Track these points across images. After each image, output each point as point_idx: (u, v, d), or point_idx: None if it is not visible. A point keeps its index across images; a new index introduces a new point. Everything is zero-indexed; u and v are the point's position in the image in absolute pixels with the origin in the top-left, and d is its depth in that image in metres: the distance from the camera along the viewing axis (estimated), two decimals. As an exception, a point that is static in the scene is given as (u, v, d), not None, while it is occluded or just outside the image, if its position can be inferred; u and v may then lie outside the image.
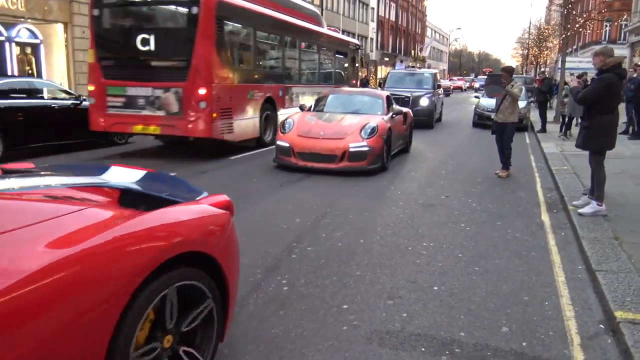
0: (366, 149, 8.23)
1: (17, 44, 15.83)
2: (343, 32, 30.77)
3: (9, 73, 15.01)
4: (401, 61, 57.08)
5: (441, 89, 21.24)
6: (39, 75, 16.01)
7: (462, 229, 5.54)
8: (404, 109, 10.86)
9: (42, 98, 9.87)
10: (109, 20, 9.73)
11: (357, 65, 19.02)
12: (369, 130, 8.37)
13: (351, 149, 8.19)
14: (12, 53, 15.64)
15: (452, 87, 48.81)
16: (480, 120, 16.58)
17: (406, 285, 3.99)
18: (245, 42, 10.82)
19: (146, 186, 2.75)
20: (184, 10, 9.02)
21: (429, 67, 59.54)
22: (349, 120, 8.93)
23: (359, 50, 19.67)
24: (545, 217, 6.09)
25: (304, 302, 3.62)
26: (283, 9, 12.51)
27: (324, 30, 15.73)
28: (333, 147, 8.24)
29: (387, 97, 10.28)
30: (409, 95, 15.95)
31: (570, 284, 4.08)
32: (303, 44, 13.81)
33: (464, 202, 6.72)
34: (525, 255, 4.75)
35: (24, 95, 9.50)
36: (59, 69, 16.84)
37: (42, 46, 16.64)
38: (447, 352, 3.01)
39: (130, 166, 3.13)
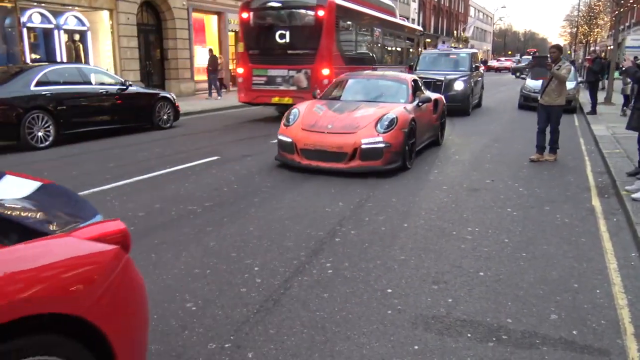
0: (382, 145, 6.83)
1: (66, 31, 16.27)
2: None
3: (58, 60, 15.47)
4: (443, 42, 55.84)
5: (481, 70, 18.53)
6: (86, 62, 16.43)
7: (508, 213, 5.42)
8: (435, 95, 9.53)
9: (90, 84, 10.13)
10: (255, 20, 13.22)
11: (420, 49, 22.42)
12: (386, 123, 6.98)
13: (364, 146, 6.81)
14: (61, 40, 16.09)
15: (496, 68, 46.82)
16: (527, 102, 16.07)
17: (451, 270, 3.94)
18: (350, 34, 14.55)
19: (26, 204, 2.21)
20: (312, 13, 12.67)
21: (471, 48, 58.19)
22: (364, 110, 7.49)
23: (422, 36, 24.15)
24: (596, 202, 5.88)
25: (348, 286, 3.63)
26: (371, 5, 16.41)
27: (399, 20, 19.63)
28: (342, 143, 6.88)
29: (414, 81, 8.84)
30: (442, 78, 14.07)
31: (623, 272, 3.95)
32: (386, 33, 17.66)
33: (510, 186, 6.57)
34: (575, 241, 4.62)
35: (73, 82, 9.79)
36: (105, 56, 17.24)
37: (89, 33, 17.05)
38: (494, 339, 2.97)
39: (27, 175, 2.65)
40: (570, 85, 11.44)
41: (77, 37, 16.69)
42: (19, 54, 14.34)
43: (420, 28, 26.71)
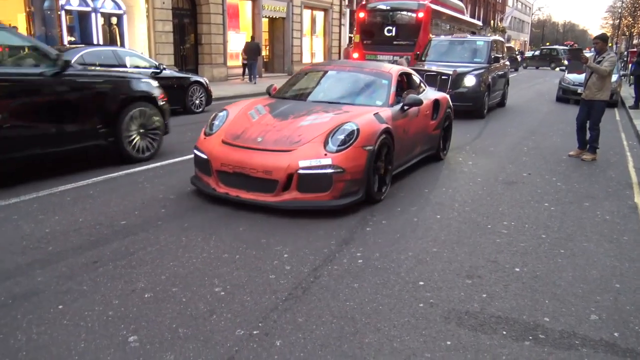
0: (330, 170, 4.57)
1: (102, 14, 16.46)
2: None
3: (95, 42, 15.68)
4: (473, 32, 54.58)
5: (505, 62, 15.14)
6: (122, 45, 16.61)
7: (546, 208, 5.24)
8: (434, 95, 7.11)
9: (125, 66, 10.22)
10: (368, 18, 18.17)
11: None
12: (341, 137, 4.73)
13: (302, 171, 4.56)
14: (97, 23, 16.29)
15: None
16: (565, 95, 15.62)
17: (486, 264, 3.81)
18: (437, 29, 18.23)
19: None
20: (413, 14, 17.30)
21: (508, 39, 56.78)
22: (317, 116, 5.21)
23: (481, 30, 27.31)
24: (638, 199, 5.64)
25: (379, 276, 3.55)
26: (449, 7, 20.86)
27: (466, 17, 23.23)
28: (271, 165, 4.62)
29: (404, 76, 6.69)
30: (449, 72, 10.64)
31: (668, 273, 3.76)
32: (458, 28, 20.65)
33: (548, 181, 6.36)
34: (616, 239, 4.43)
35: (109, 64, 9.88)
36: (140, 39, 17.39)
37: (125, 17, 17.20)
38: (530, 338, 2.85)
39: None
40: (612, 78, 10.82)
41: (113, 20, 16.87)
42: (57, 36, 14.57)
43: (479, 23, 31.30)
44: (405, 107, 5.81)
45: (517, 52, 45.18)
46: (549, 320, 3.05)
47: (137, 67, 10.49)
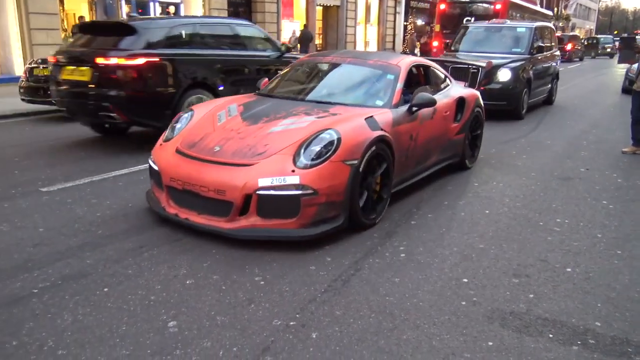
0: (297, 191, 3.61)
1: (160, 3, 16.88)
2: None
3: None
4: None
5: (554, 52, 12.74)
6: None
7: (603, 206, 4.97)
8: (461, 92, 5.88)
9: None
10: (449, 9, 19.45)
11: None
12: (317, 148, 3.77)
13: (262, 192, 3.63)
14: (156, 12, 16.71)
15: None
16: (632, 86, 14.75)
17: (535, 263, 3.66)
18: (513, 20, 17.27)
19: None
20: (491, 6, 18.07)
21: (572, 27, 54.35)
22: (294, 119, 4.23)
23: (551, 18, 28.45)
24: None
25: (421, 271, 3.47)
26: None
27: (537, 7, 24.34)
28: (224, 182, 3.71)
29: (421, 68, 5.75)
30: (480, 64, 8.29)
31: None
32: (529, 18, 20.36)
33: (608, 177, 6.03)
34: (680, 241, 4.15)
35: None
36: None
37: (182, 5, 17.58)
38: (579, 342, 2.71)
39: None
40: None
41: (171, 9, 17.26)
42: (118, 24, 15.04)
43: (550, 13, 32.65)
44: (414, 109, 4.69)
45: (586, 40, 43.89)
46: (601, 325, 2.89)
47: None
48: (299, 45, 19.40)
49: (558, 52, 13.55)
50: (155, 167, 4.19)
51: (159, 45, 6.58)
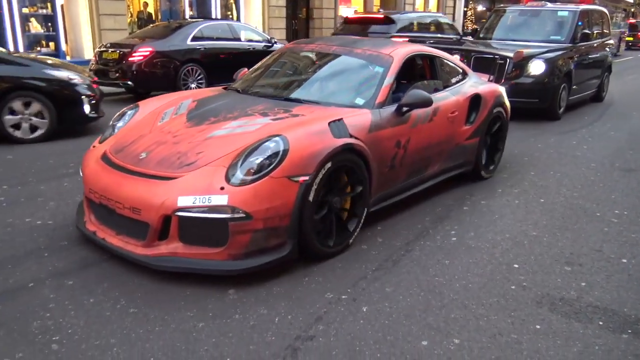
0: (223, 215, 2.89)
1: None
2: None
3: (213, 17, 16.49)
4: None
5: (606, 39, 10.89)
6: (238, 19, 17.31)
7: (666, 199, 4.82)
8: (476, 88, 4.92)
9: (239, 40, 10.70)
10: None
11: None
12: (256, 160, 3.03)
13: (182, 213, 2.92)
14: (217, 11, 17.06)
15: None
16: None
17: (589, 253, 3.63)
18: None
19: None
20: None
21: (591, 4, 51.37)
22: (246, 120, 3.54)
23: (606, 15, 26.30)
24: None
25: (472, 255, 3.52)
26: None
27: (598, 7, 20.32)
28: (140, 198, 3.04)
29: (426, 59, 4.82)
30: (507, 55, 7.77)
31: None
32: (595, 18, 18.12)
33: (673, 170, 5.82)
34: None
35: (224, 37, 10.40)
36: (255, 14, 18.00)
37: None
38: (629, 331, 2.71)
39: None
40: None
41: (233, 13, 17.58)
42: (180, 11, 15.52)
43: (605, 10, 32.38)
44: (404, 109, 3.89)
45: None
46: (654, 315, 2.87)
47: (251, 40, 10.92)
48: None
49: (612, 41, 11.80)
50: (82, 174, 3.60)
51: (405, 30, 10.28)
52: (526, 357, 2.46)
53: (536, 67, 8.13)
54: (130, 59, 9.08)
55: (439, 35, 13.07)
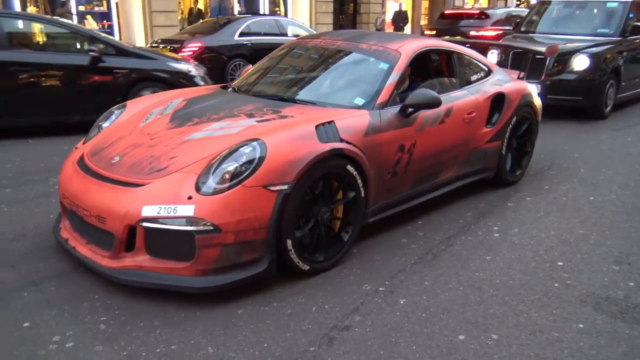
0: (189, 227, 2.64)
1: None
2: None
3: (261, 12, 16.69)
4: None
5: None
6: (285, 15, 17.45)
7: None
8: (500, 87, 4.48)
9: (286, 35, 10.80)
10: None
11: None
12: (230, 167, 2.75)
13: (146, 224, 2.69)
14: (265, 7, 17.26)
15: None
16: None
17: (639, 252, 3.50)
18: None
19: None
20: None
21: None
22: (229, 122, 3.26)
23: None
24: None
25: (514, 252, 3.45)
26: None
27: None
28: (105, 206, 2.82)
29: (444, 55, 4.45)
30: (539, 50, 6.42)
31: None
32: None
33: None
34: None
35: (271, 33, 10.53)
36: (303, 9, 18.10)
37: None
38: (680, 334, 2.60)
39: None
40: None
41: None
42: (229, 7, 15.79)
43: None
44: (409, 110, 3.53)
45: None
46: None
47: (297, 36, 10.99)
48: (387, 26, 19.12)
49: None
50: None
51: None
52: (567, 356, 2.40)
53: (580, 63, 7.54)
54: (180, 54, 9.32)
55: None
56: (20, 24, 6.75)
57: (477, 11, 14.52)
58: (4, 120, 6.03)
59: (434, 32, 14.89)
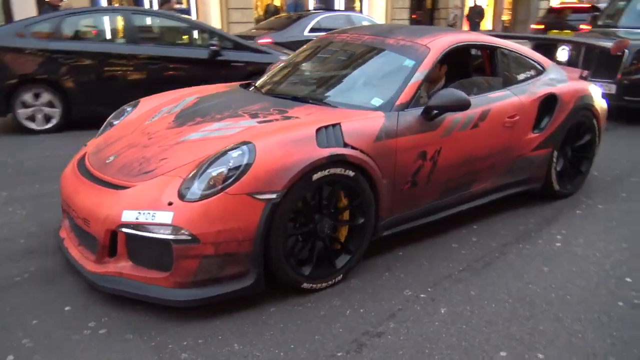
0: (165, 236, 2.46)
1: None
2: None
3: (336, 8, 16.66)
4: None
5: None
6: (361, 10, 17.33)
7: None
8: (551, 88, 3.96)
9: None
10: None
11: None
12: (214, 172, 2.54)
13: (126, 229, 2.54)
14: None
15: None
16: None
17: None
18: None
19: None
20: None
21: None
22: (229, 123, 3.04)
23: None
24: None
25: (576, 264, 3.17)
26: None
27: None
28: (90, 209, 2.71)
29: (486, 50, 4.03)
30: (605, 45, 5.30)
31: None
32: None
33: None
34: None
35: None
36: (379, 4, 17.89)
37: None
38: None
39: None
40: None
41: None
42: (304, 2, 15.87)
43: None
44: (433, 112, 3.15)
45: None
46: None
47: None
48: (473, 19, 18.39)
49: None
50: None
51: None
52: (623, 384, 2.16)
53: None
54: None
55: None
56: (147, 19, 7.35)
57: (588, 5, 14.30)
58: None
59: (541, 27, 14.49)
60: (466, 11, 18.46)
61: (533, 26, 15.66)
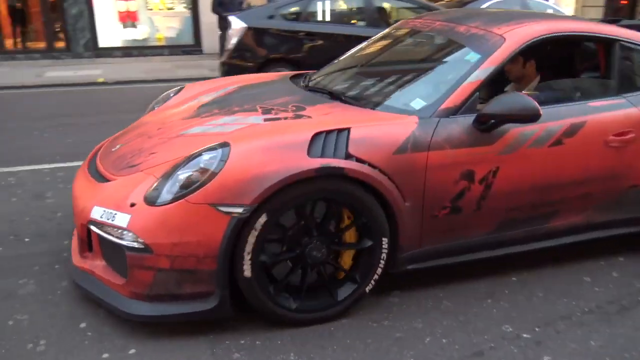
0: (119, 241, 2.23)
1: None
2: None
3: None
4: None
5: None
6: None
7: None
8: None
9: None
10: None
11: None
12: (182, 176, 2.21)
13: (94, 228, 2.34)
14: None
15: None
16: None
17: None
18: None
19: None
20: None
21: None
22: (235, 118, 2.69)
23: None
24: None
25: None
26: None
27: None
28: (75, 200, 2.59)
29: (601, 42, 3.04)
30: None
31: None
32: None
33: None
34: None
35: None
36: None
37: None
38: None
39: None
40: None
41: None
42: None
43: None
44: (490, 122, 2.47)
45: None
46: None
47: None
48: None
49: None
50: None
51: None
52: None
53: None
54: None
55: None
56: (383, 3, 7.58)
57: None
58: None
59: None
60: None
61: None
